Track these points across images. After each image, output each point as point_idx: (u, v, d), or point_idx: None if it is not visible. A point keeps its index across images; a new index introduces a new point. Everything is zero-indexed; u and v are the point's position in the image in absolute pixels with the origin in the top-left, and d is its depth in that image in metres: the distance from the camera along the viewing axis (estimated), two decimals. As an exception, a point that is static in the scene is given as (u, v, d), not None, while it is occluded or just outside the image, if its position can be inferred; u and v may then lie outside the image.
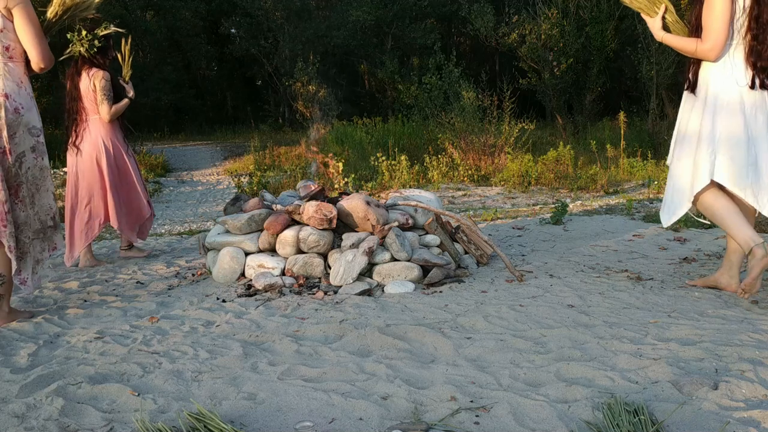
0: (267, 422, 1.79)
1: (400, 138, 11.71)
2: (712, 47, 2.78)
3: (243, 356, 2.32)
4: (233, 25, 23.13)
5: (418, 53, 21.35)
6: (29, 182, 2.80)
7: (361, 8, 20.56)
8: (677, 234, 4.45)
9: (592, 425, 1.70)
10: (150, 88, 21.80)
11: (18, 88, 2.74)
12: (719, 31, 2.75)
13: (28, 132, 2.77)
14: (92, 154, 4.08)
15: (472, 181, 9.01)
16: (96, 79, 4.07)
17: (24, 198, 2.78)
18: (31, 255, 2.84)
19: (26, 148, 2.76)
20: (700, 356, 2.15)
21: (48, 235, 2.92)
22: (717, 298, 2.88)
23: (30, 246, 2.83)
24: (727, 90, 2.81)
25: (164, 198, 9.56)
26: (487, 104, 10.42)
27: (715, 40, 2.76)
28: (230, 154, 15.31)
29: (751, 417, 1.70)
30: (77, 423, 1.82)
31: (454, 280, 3.38)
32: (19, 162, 2.74)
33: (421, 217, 3.69)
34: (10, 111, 2.70)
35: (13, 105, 2.71)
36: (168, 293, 3.41)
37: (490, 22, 15.85)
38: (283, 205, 3.67)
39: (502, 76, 13.55)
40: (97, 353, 2.43)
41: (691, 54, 2.88)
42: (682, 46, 2.90)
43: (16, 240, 2.76)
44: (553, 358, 2.20)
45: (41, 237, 2.89)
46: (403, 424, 1.74)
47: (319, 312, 2.88)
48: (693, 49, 2.84)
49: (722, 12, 2.73)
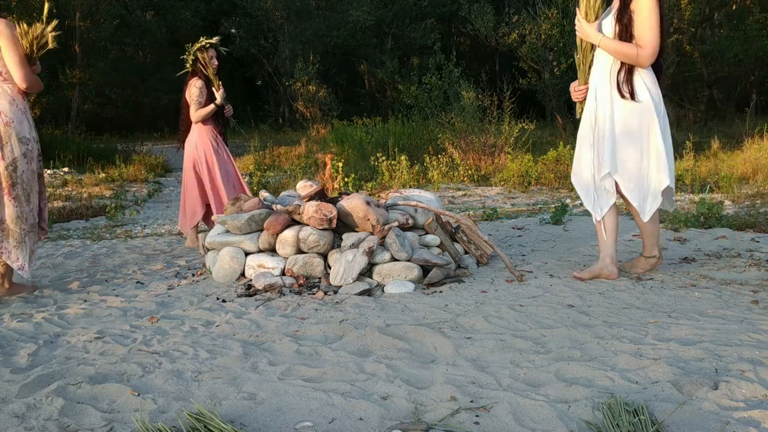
0: (267, 422, 1.79)
1: (400, 138, 11.71)
2: (652, 54, 2.96)
3: (243, 356, 2.32)
4: (233, 25, 23.14)
5: (418, 53, 21.35)
6: (24, 183, 3.24)
7: (361, 8, 20.56)
8: (677, 234, 4.45)
9: (592, 425, 1.70)
10: (150, 88, 21.82)
11: (10, 105, 3.21)
12: (656, 39, 2.93)
13: (19, 141, 3.22)
14: (189, 155, 4.78)
15: (472, 181, 9.01)
16: (191, 87, 4.72)
17: (19, 196, 3.23)
18: (26, 245, 3.26)
19: (18, 155, 3.22)
20: (700, 356, 2.15)
21: (35, 230, 3.35)
22: (717, 298, 2.89)
23: (26, 237, 3.26)
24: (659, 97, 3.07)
25: (164, 198, 9.55)
26: (487, 104, 10.42)
27: (655, 47, 2.95)
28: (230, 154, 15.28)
29: (751, 417, 1.70)
30: (77, 423, 1.82)
31: (454, 280, 3.38)
32: (13, 167, 3.20)
33: (421, 217, 3.69)
34: (2, 124, 3.18)
35: (5, 119, 3.19)
36: (168, 293, 3.41)
37: (490, 22, 15.86)
38: (283, 205, 3.67)
39: (502, 76, 13.54)
40: (97, 353, 2.43)
41: (630, 59, 2.99)
42: (623, 50, 2.99)
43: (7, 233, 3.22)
44: (553, 358, 2.20)
45: (33, 231, 3.32)
46: (403, 424, 1.74)
47: (319, 312, 2.88)
48: (634, 54, 2.96)
49: (657, 21, 2.92)
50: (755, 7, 15.76)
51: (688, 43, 15.82)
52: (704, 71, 16.31)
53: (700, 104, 16.77)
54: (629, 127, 3.06)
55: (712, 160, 9.02)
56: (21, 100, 3.27)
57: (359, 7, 20.65)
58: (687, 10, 15.09)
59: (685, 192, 6.99)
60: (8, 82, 3.24)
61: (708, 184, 7.10)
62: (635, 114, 3.05)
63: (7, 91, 3.23)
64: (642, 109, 3.04)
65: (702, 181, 7.48)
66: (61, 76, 17.38)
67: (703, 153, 9.62)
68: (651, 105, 3.03)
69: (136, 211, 7.73)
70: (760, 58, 15.24)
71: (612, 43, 3.01)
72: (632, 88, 3.02)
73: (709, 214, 4.76)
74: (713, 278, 3.26)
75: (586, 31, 3.09)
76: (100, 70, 19.17)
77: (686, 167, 8.05)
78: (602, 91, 3.13)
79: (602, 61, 3.13)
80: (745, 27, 15.24)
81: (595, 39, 3.06)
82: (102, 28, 19.42)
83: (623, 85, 3.03)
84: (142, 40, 23.08)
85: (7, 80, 3.23)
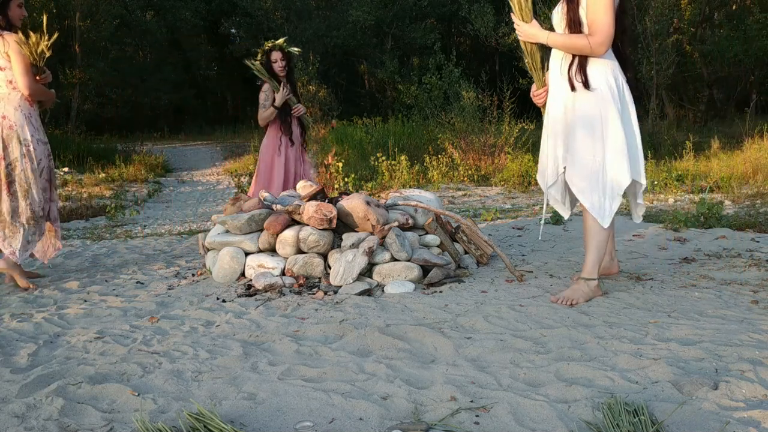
0: (267, 422, 1.79)
1: (400, 138, 11.71)
2: (603, 41, 2.70)
3: (243, 356, 2.32)
4: (233, 25, 23.14)
5: (418, 53, 21.34)
6: (22, 181, 3.57)
7: (361, 8, 20.55)
8: (677, 234, 4.45)
9: (592, 425, 1.70)
10: (150, 88, 21.82)
11: (14, 111, 3.57)
12: (609, 24, 2.69)
13: (19, 143, 3.56)
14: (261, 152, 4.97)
15: (472, 181, 9.01)
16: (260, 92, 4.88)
17: (15, 193, 3.57)
18: (22, 235, 3.59)
19: (18, 155, 3.55)
20: (700, 356, 2.15)
21: (39, 223, 3.66)
22: (717, 298, 2.88)
23: (21, 228, 3.59)
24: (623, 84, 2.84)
25: (164, 198, 9.56)
26: (487, 104, 10.42)
27: (607, 33, 2.70)
28: (230, 154, 15.31)
29: (751, 417, 1.70)
30: (77, 423, 1.82)
31: (454, 280, 3.38)
32: (11, 166, 3.55)
33: (421, 217, 3.69)
34: (5, 128, 3.54)
35: (8, 123, 3.55)
36: (168, 293, 3.41)
37: (490, 22, 15.86)
38: (283, 205, 3.67)
39: (502, 76, 13.54)
40: (97, 353, 2.43)
41: (583, 50, 2.75)
42: (572, 43, 2.76)
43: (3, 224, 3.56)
44: (553, 358, 2.20)
45: (32, 223, 3.62)
46: (403, 424, 1.74)
47: (319, 312, 2.88)
48: (586, 43, 2.72)
49: (609, 5, 2.69)
50: (755, 7, 15.77)
51: (688, 43, 15.83)
52: (704, 71, 16.32)
53: (700, 104, 16.77)
54: (583, 119, 2.81)
55: (712, 160, 9.02)
56: (27, 106, 3.61)
57: (359, 7, 20.64)
58: (687, 10, 15.10)
59: (685, 192, 6.99)
60: (16, 89, 3.59)
61: (708, 185, 7.10)
62: (589, 103, 2.80)
63: (14, 97, 3.58)
64: (597, 98, 2.78)
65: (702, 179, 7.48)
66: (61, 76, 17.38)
67: (703, 153, 9.62)
68: (608, 93, 2.77)
69: (136, 211, 7.73)
70: (760, 58, 15.24)
71: (560, 38, 2.80)
72: (585, 76, 2.78)
73: (709, 214, 4.76)
74: (713, 278, 3.26)
75: (529, 32, 2.87)
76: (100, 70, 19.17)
77: (686, 167, 8.05)
78: (556, 86, 2.93)
79: (554, 57, 2.93)
80: (745, 27, 15.25)
81: (542, 37, 2.84)
82: (102, 28, 19.43)
83: (576, 74, 2.79)
84: (142, 40, 23.08)
85: (16, 88, 3.59)
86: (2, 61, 3.55)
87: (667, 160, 9.23)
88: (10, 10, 3.59)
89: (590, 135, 2.81)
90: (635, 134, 2.87)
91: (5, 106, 3.56)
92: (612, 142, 2.79)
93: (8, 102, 3.57)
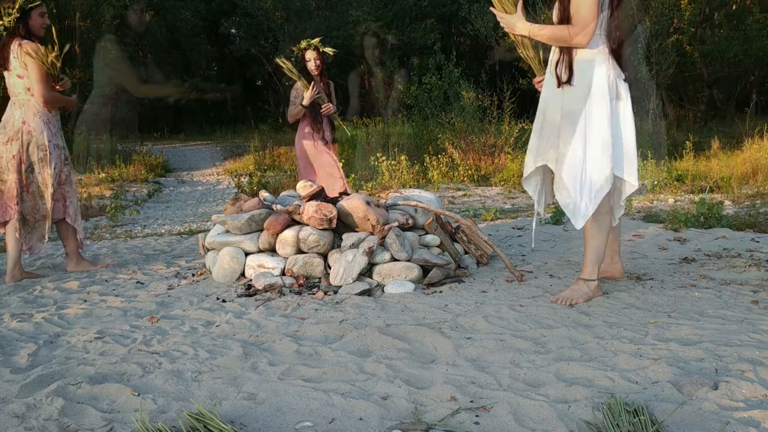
0: (267, 422, 1.79)
1: (400, 138, 11.71)
2: (582, 30, 2.63)
3: (243, 356, 2.32)
4: (233, 25, 23.12)
5: (418, 53, 21.33)
6: (39, 183, 3.83)
7: (361, 8, 20.55)
8: (677, 234, 4.45)
9: (592, 425, 1.70)
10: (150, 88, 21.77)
11: (33, 117, 3.78)
12: (590, 15, 2.62)
13: (37, 148, 3.80)
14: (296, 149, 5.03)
15: (472, 181, 9.01)
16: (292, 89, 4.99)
17: (34, 192, 3.84)
18: (38, 230, 3.90)
19: (36, 159, 3.80)
20: (700, 356, 2.15)
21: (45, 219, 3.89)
22: (717, 298, 2.88)
23: (36, 224, 3.89)
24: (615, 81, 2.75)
25: (164, 198, 9.56)
26: (487, 104, 10.41)
27: (587, 23, 2.63)
28: (230, 154, 15.30)
29: (751, 417, 1.70)
30: (77, 423, 1.82)
31: (454, 280, 3.38)
32: (30, 168, 3.81)
33: (421, 217, 3.69)
34: (25, 133, 3.76)
35: (27, 128, 3.78)
36: (168, 293, 3.41)
37: (490, 22, 15.84)
38: (283, 205, 3.67)
39: (502, 76, 13.53)
40: (97, 353, 2.43)
41: (564, 41, 2.70)
42: (553, 33, 2.71)
43: (24, 221, 3.83)
44: (553, 358, 2.20)
45: (43, 219, 3.89)
46: (403, 424, 1.74)
47: (319, 312, 2.88)
48: (566, 34, 2.66)
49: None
50: (755, 7, 15.76)
51: (688, 43, 15.82)
52: (704, 71, 16.31)
53: (700, 104, 16.76)
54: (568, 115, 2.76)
55: (712, 160, 9.02)
56: (46, 113, 3.82)
57: (359, 7, 20.63)
58: (687, 10, 15.08)
59: (685, 192, 6.99)
60: (35, 97, 3.79)
61: (708, 185, 7.10)
62: (574, 100, 2.75)
63: (34, 104, 3.79)
64: (582, 95, 2.73)
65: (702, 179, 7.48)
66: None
67: (703, 153, 9.62)
68: (595, 90, 2.71)
69: (136, 211, 7.73)
70: (760, 58, 15.23)
71: (541, 29, 2.75)
72: (570, 72, 2.73)
73: (709, 214, 4.76)
74: (713, 278, 3.26)
75: (512, 24, 2.79)
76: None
77: (686, 167, 8.05)
78: (546, 82, 2.90)
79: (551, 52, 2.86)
80: (745, 27, 15.24)
81: (524, 30, 2.77)
82: (102, 28, 19.42)
83: (560, 67, 2.75)
84: (142, 40, 23.07)
85: (34, 95, 3.78)
86: (21, 70, 3.74)
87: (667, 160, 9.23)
88: (31, 20, 3.75)
89: (572, 132, 2.75)
90: (626, 133, 2.78)
91: (25, 112, 3.77)
92: (593, 139, 2.72)
93: (28, 108, 3.77)
